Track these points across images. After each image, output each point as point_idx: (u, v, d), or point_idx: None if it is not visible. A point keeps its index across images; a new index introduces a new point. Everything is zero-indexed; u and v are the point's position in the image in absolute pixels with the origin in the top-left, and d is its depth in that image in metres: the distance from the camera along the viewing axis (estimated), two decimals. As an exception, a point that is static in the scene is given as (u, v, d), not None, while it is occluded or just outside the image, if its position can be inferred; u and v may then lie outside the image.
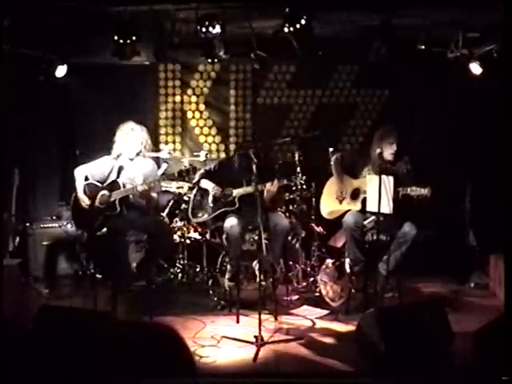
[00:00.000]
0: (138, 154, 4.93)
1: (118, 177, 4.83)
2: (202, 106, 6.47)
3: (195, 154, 5.93)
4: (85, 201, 4.81)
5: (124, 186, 4.77)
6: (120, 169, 4.87)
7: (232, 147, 6.47)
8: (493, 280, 5.39)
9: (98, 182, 4.89)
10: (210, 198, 5.02)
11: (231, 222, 4.78)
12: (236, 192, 4.96)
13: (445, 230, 5.85)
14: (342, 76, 6.49)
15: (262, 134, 6.25)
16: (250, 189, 4.76)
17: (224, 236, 4.82)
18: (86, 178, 4.90)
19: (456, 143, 6.04)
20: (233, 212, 4.92)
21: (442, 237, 5.80)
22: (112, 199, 4.72)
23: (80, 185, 4.87)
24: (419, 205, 4.65)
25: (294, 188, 5.12)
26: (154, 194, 4.91)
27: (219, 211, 4.98)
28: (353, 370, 3.68)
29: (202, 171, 5.23)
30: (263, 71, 6.31)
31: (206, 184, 5.08)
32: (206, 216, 5.05)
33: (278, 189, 4.84)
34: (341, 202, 5.09)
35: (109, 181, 4.84)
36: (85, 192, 4.85)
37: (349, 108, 6.52)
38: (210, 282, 5.31)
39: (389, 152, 4.88)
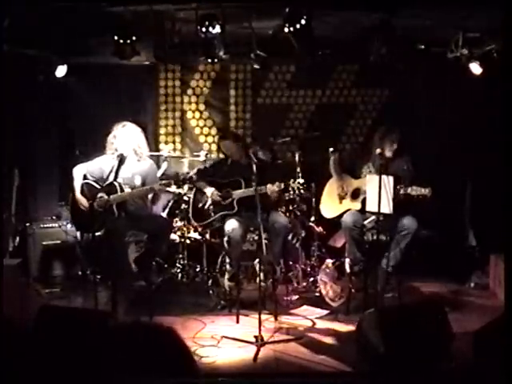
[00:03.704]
0: (135, 153, 4.91)
1: (116, 177, 4.79)
2: (202, 106, 6.47)
3: (195, 153, 5.93)
4: (83, 203, 4.79)
5: (121, 187, 4.74)
6: (118, 168, 4.83)
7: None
8: (493, 280, 5.38)
9: (96, 181, 4.86)
10: (209, 201, 5.01)
11: (232, 225, 4.76)
12: (235, 194, 4.95)
13: (445, 230, 5.85)
14: (342, 76, 6.49)
15: (262, 134, 6.25)
16: (249, 191, 4.74)
17: (225, 239, 4.80)
18: (85, 177, 4.88)
19: (456, 143, 6.03)
20: (233, 215, 4.90)
21: (442, 237, 5.80)
22: (110, 203, 4.69)
23: (78, 184, 4.85)
24: (419, 204, 4.65)
25: (291, 192, 5.11)
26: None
27: (218, 215, 4.97)
28: (353, 369, 3.68)
29: (195, 171, 5.24)
30: (263, 71, 6.30)
31: (205, 188, 5.05)
32: (205, 220, 5.06)
33: (278, 191, 4.84)
34: (341, 200, 5.09)
35: (107, 181, 4.80)
36: (83, 192, 4.83)
37: (349, 108, 6.52)
38: (210, 282, 5.30)
39: (389, 150, 4.91)
